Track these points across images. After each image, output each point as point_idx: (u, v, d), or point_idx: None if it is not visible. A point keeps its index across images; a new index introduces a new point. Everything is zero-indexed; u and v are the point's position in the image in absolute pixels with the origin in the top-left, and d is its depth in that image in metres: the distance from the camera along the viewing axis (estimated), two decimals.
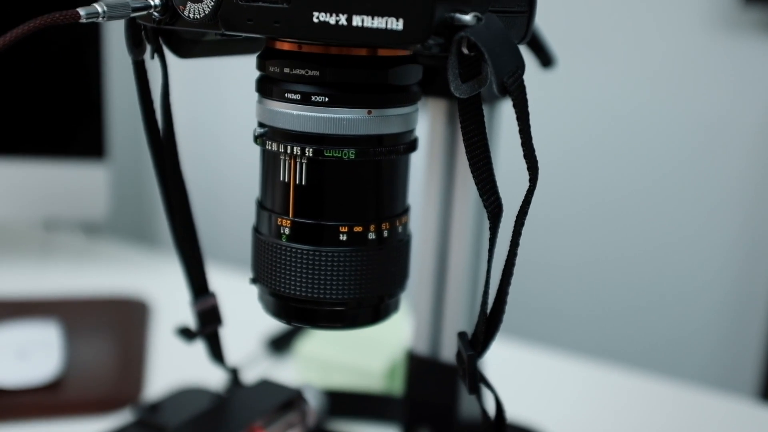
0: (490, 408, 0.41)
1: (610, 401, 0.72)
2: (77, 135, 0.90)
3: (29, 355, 0.69)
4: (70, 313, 0.79)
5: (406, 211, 0.40)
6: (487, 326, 0.38)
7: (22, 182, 0.89)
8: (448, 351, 0.52)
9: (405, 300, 0.66)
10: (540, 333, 0.98)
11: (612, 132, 0.98)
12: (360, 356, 0.68)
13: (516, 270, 0.37)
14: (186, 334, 0.50)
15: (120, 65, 0.92)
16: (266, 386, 0.52)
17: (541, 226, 1.01)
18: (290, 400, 0.52)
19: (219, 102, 1.15)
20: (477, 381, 0.39)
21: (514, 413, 0.50)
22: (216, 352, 0.51)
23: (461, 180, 0.49)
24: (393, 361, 0.69)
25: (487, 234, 0.51)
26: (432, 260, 0.51)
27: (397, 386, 0.69)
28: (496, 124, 0.50)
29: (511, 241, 0.36)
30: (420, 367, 0.53)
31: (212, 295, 0.48)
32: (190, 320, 0.59)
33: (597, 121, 0.99)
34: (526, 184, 0.34)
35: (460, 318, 0.51)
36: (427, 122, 0.49)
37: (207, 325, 0.48)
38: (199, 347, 0.67)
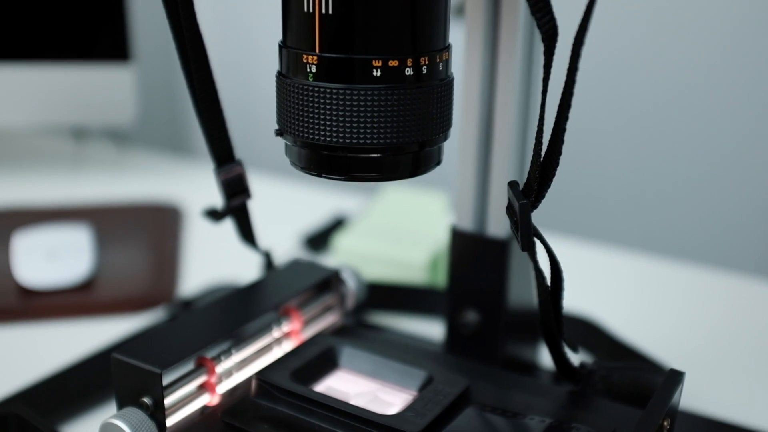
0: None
1: (663, 293, 0.68)
2: (100, 37, 0.87)
3: (59, 258, 0.67)
4: (103, 219, 0.77)
5: (447, 48, 0.36)
6: (541, 170, 0.34)
7: (45, 89, 0.86)
8: (496, 225, 0.48)
9: (445, 184, 0.61)
10: (584, 227, 0.94)
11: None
12: (401, 248, 0.65)
13: (563, 162, 0.33)
14: (213, 215, 0.47)
15: None
16: (301, 266, 0.49)
17: (585, 117, 0.96)
18: (327, 280, 0.48)
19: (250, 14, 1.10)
20: (531, 234, 0.35)
21: (566, 304, 0.46)
22: (246, 231, 0.47)
23: (506, 23, 0.44)
24: (435, 252, 0.65)
25: (536, 96, 0.47)
26: (476, 119, 0.46)
27: (439, 279, 0.66)
28: None
29: (569, 67, 0.31)
30: (465, 245, 0.49)
31: (238, 163, 0.44)
32: (224, 226, 0.56)
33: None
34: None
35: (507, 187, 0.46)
36: None
37: (234, 197, 0.45)
38: (233, 248, 0.64)
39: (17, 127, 0.89)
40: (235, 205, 0.45)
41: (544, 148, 0.34)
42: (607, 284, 0.70)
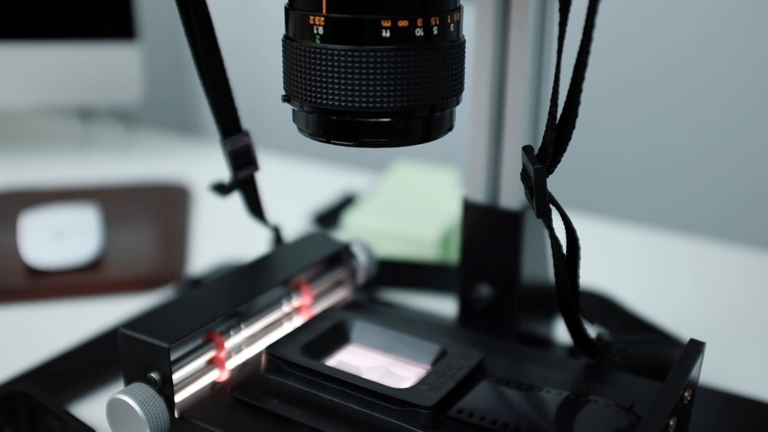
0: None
1: (676, 268, 0.67)
2: (105, 15, 0.85)
3: (67, 238, 0.66)
4: (111, 199, 0.76)
5: (458, 8, 0.34)
6: (557, 133, 0.33)
7: (51, 68, 0.85)
8: (508, 196, 0.47)
9: (456, 160, 0.60)
10: (594, 202, 0.93)
11: None
12: (411, 224, 0.64)
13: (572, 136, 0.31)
14: (220, 189, 0.46)
15: None
16: (311, 239, 0.48)
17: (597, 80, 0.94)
18: (337, 254, 0.47)
19: None
20: (546, 201, 0.33)
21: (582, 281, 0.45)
22: (254, 205, 0.46)
23: None
24: (447, 229, 0.64)
25: (549, 59, 0.45)
26: (488, 84, 0.45)
27: (451, 255, 0.65)
28: None
29: (586, 24, 0.30)
30: (477, 217, 0.48)
31: (245, 134, 0.43)
32: (232, 205, 0.55)
33: None
34: None
35: (520, 157, 0.45)
36: None
37: (241, 169, 0.44)
38: (242, 227, 0.63)
39: (23, 107, 0.89)
40: (242, 178, 0.44)
41: (560, 110, 0.32)
42: (618, 260, 0.69)
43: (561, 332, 0.54)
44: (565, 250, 0.36)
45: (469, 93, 0.44)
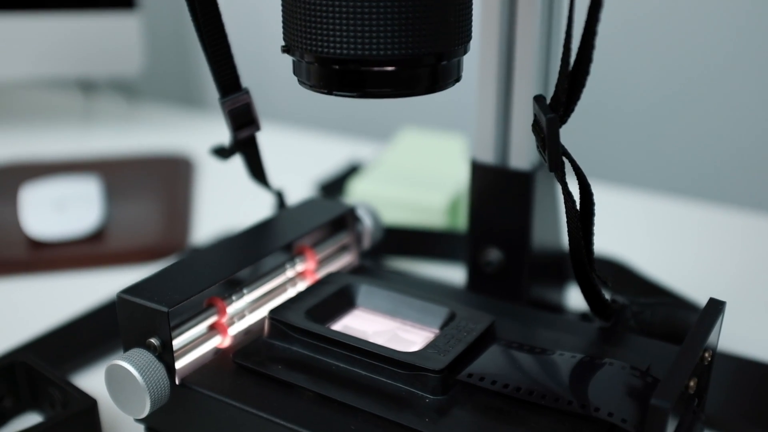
0: None
1: (688, 234, 0.66)
2: None
3: (68, 209, 0.65)
4: (113, 171, 0.75)
5: None
6: (570, 81, 0.31)
7: (49, 39, 0.83)
8: (518, 156, 0.45)
9: (462, 126, 0.58)
10: (600, 168, 0.91)
11: None
12: (418, 191, 0.62)
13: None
14: (220, 152, 0.45)
15: None
16: (314, 204, 0.47)
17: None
18: (342, 217, 0.46)
19: None
20: (559, 152, 0.32)
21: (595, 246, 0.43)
22: (255, 167, 0.45)
23: None
24: (454, 196, 0.62)
25: (559, 4, 0.44)
26: (496, 36, 0.43)
27: (459, 222, 0.63)
28: None
29: None
30: (486, 178, 0.46)
31: (245, 92, 0.42)
32: (235, 176, 0.53)
33: None
34: None
35: (531, 114, 0.43)
36: None
37: (241, 129, 0.42)
38: (245, 198, 0.62)
39: (22, 79, 0.87)
40: (243, 138, 0.43)
41: (573, 56, 0.31)
42: (628, 226, 0.67)
43: (573, 299, 0.53)
44: (578, 207, 0.35)
45: (477, 43, 0.42)
